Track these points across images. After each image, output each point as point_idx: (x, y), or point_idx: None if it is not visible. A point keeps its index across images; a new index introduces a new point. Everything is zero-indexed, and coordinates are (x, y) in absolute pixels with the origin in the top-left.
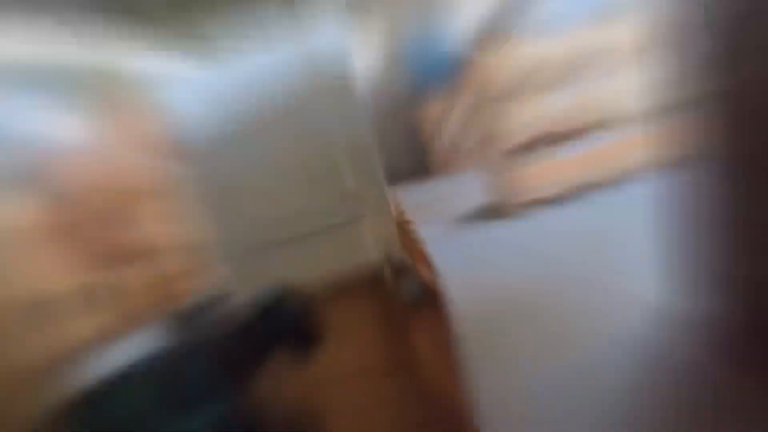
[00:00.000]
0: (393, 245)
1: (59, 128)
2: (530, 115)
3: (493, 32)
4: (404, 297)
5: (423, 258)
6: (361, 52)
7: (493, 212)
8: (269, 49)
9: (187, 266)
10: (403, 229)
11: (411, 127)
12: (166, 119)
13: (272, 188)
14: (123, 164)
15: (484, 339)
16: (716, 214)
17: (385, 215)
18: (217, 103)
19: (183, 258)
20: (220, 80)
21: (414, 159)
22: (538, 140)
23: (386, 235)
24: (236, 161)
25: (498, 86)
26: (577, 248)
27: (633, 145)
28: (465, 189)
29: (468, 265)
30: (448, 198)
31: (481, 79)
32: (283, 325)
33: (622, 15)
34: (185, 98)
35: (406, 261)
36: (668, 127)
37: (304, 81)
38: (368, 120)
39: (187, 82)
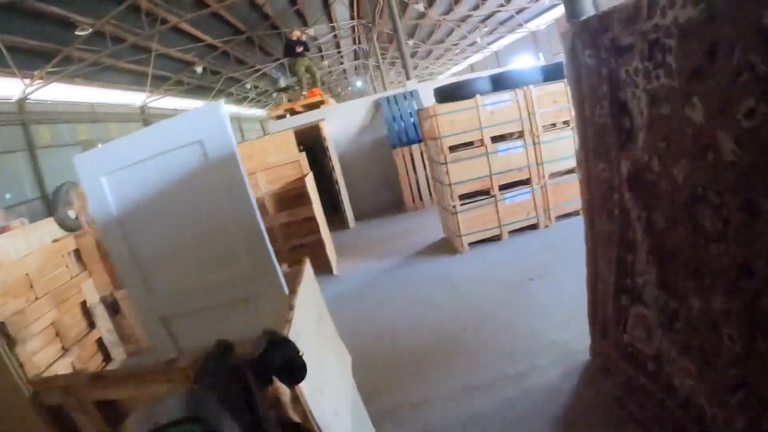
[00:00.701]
0: (281, 324)
1: None
2: (471, 170)
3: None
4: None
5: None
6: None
7: (441, 248)
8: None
9: None
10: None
11: (390, 171)
12: None
13: (189, 265)
14: None
15: (404, 366)
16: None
17: (276, 296)
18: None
19: None
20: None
21: (390, 196)
22: (477, 190)
23: (277, 312)
24: (154, 238)
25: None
26: (503, 288)
27: (560, 193)
28: (424, 224)
29: (407, 296)
30: (410, 231)
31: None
32: (277, 363)
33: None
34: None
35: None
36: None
37: (205, 179)
38: (257, 214)
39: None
